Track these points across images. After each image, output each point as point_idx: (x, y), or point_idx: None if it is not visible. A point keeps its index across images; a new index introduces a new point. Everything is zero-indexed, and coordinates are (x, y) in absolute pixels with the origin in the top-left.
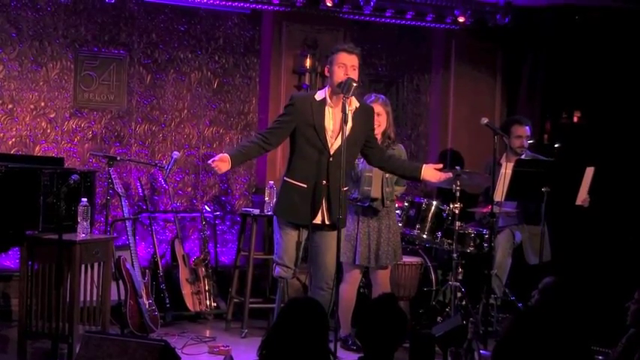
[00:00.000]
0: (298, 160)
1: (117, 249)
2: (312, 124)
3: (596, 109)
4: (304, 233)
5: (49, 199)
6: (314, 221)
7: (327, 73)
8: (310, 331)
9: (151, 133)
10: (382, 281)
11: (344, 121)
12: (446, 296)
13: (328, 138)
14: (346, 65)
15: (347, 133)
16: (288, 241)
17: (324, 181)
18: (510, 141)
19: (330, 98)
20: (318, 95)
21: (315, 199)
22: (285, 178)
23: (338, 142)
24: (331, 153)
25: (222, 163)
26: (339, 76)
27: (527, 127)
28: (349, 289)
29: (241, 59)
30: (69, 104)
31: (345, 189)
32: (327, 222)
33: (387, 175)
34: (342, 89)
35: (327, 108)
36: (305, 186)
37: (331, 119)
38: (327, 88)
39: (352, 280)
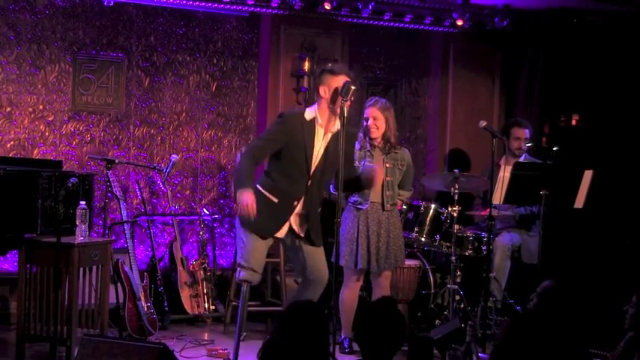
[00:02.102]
0: (277, 175)
1: (115, 252)
2: (304, 146)
3: (594, 112)
4: (271, 240)
5: (48, 202)
6: (277, 235)
7: (322, 94)
8: (311, 335)
9: (150, 136)
10: (383, 285)
11: (341, 124)
12: (444, 299)
13: (313, 159)
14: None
15: (323, 152)
16: (256, 244)
17: (296, 202)
18: (509, 142)
19: (322, 117)
20: (308, 114)
21: (282, 214)
22: (257, 186)
23: (315, 163)
24: (311, 174)
25: (253, 204)
26: (338, 101)
27: (526, 130)
28: (350, 293)
29: (240, 62)
30: (67, 107)
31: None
32: (301, 234)
33: (388, 178)
34: (340, 93)
35: (317, 128)
36: (276, 200)
37: (320, 140)
38: (316, 106)
39: (353, 284)
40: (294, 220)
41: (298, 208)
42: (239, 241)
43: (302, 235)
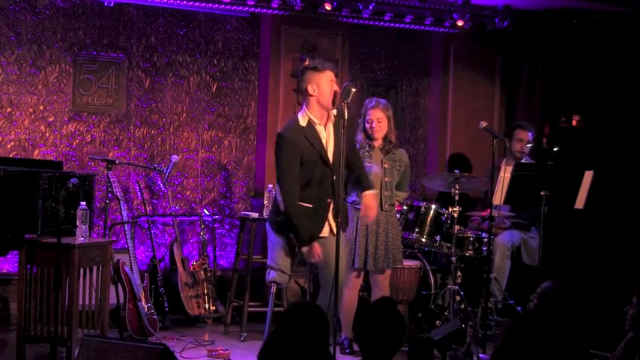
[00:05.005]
0: (305, 184)
1: (116, 252)
2: (318, 151)
3: (594, 112)
4: None
5: (48, 202)
6: (320, 235)
7: (311, 92)
8: (311, 336)
9: (150, 137)
10: (382, 284)
11: (342, 126)
12: (445, 300)
13: (329, 154)
14: (334, 83)
15: (333, 143)
16: (286, 247)
17: (329, 199)
18: (511, 144)
19: (316, 116)
20: (302, 120)
21: (321, 215)
22: None
23: (332, 157)
24: (332, 169)
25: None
26: (330, 94)
27: (529, 133)
28: (350, 293)
29: (240, 63)
30: (68, 108)
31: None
32: (334, 232)
33: (386, 178)
34: (341, 95)
35: (317, 127)
36: (311, 206)
37: (324, 135)
38: (305, 107)
39: (352, 284)
40: (330, 218)
41: (332, 205)
42: (269, 243)
43: (335, 229)
